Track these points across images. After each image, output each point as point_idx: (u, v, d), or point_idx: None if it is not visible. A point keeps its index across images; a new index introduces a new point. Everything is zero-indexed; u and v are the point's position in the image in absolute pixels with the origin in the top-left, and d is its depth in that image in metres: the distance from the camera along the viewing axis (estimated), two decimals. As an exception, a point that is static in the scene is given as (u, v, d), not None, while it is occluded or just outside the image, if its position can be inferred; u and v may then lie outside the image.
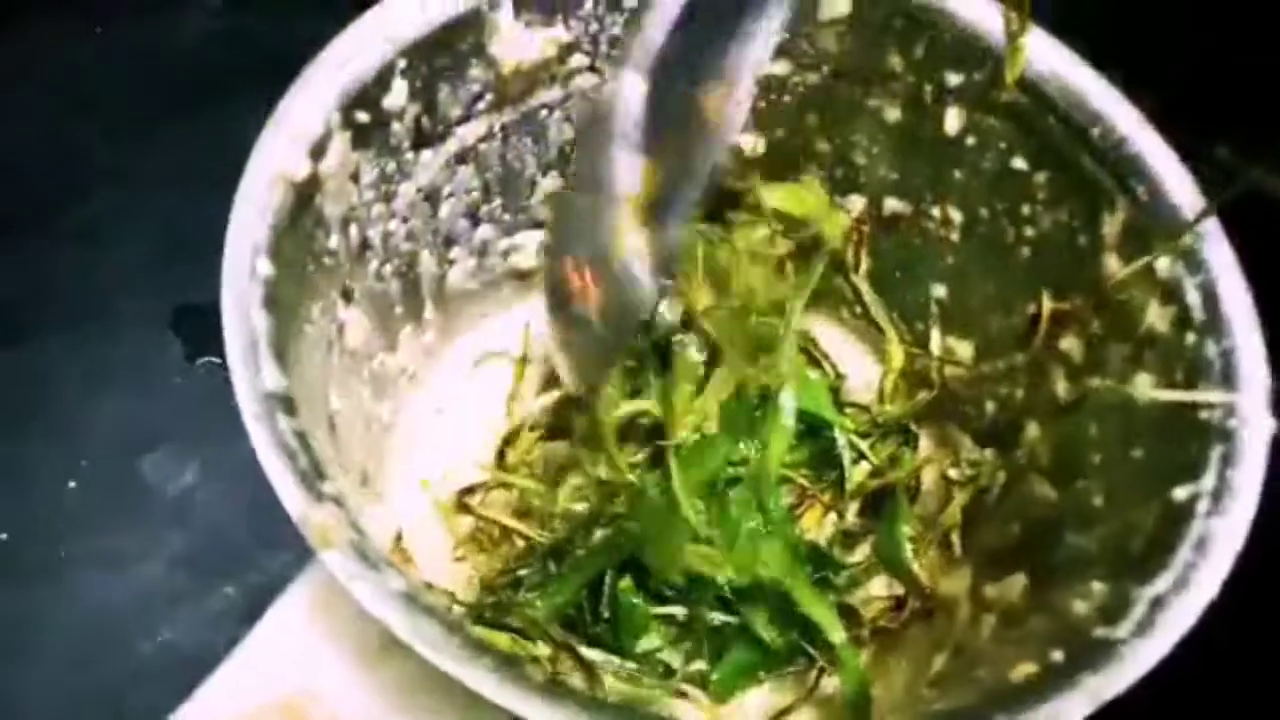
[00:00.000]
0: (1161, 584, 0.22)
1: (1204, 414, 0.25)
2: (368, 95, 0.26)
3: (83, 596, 0.37)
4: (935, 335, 0.34)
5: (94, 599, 0.37)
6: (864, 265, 0.34)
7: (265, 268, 0.23)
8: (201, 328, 0.42)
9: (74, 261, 0.43)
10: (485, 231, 0.34)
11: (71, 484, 0.39)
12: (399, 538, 0.23)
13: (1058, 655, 0.22)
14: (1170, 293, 0.27)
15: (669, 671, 0.31)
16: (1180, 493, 0.24)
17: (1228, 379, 0.25)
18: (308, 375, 0.24)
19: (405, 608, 0.19)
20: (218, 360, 0.42)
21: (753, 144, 0.35)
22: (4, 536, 0.37)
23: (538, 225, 0.35)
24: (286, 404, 0.21)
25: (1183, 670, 0.22)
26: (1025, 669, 0.22)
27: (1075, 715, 0.20)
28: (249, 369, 0.21)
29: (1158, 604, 0.22)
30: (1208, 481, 0.24)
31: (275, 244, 0.23)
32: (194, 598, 0.37)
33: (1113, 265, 0.28)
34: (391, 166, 0.28)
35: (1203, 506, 0.23)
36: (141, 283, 0.43)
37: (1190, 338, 0.26)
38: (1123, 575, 0.24)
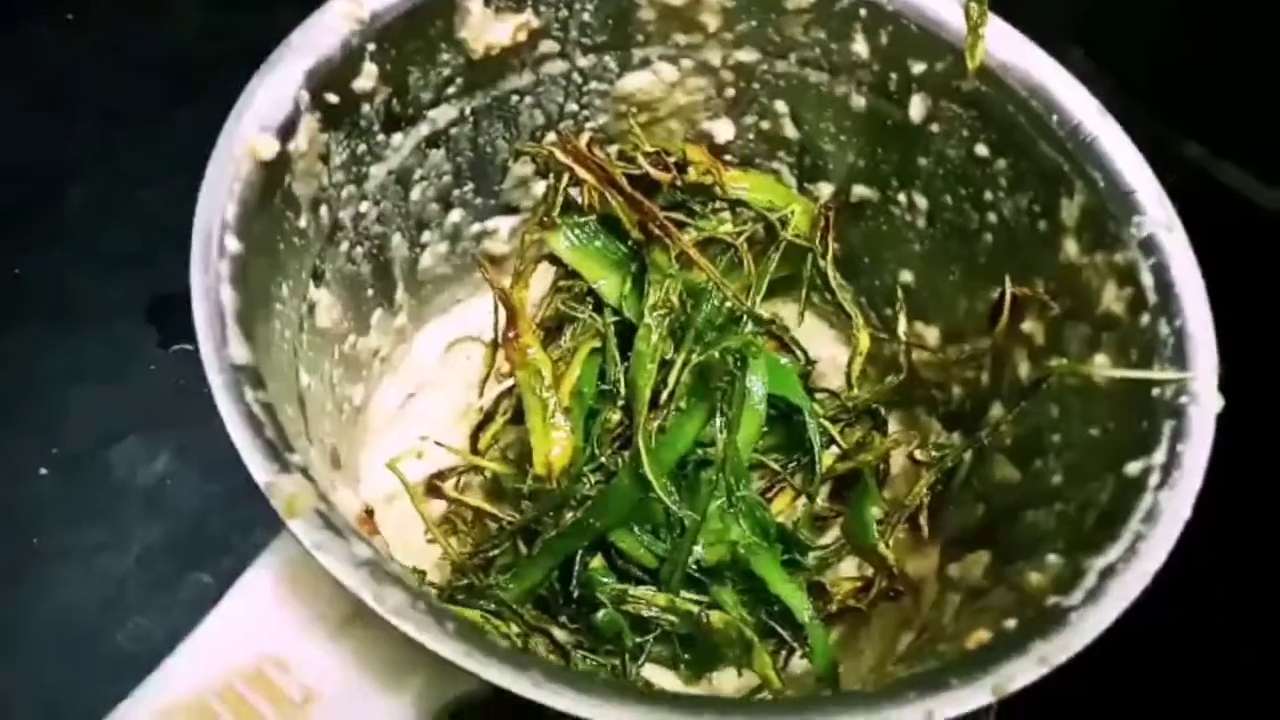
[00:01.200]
0: (1112, 554, 0.23)
1: (1156, 391, 0.25)
2: (337, 77, 0.27)
3: (56, 584, 0.37)
4: (902, 320, 0.35)
5: (67, 586, 0.37)
6: (832, 251, 0.34)
7: (234, 245, 0.23)
8: (176, 315, 0.42)
9: (51, 251, 0.43)
10: (456, 215, 0.34)
11: (43, 471, 0.39)
12: (369, 512, 0.23)
13: (1010, 623, 0.23)
14: (1126, 276, 0.27)
15: (639, 651, 0.31)
16: (1133, 467, 0.25)
17: (1179, 358, 0.26)
18: (277, 353, 0.24)
19: (370, 575, 0.19)
20: (191, 347, 0.42)
21: (722, 132, 0.35)
22: (-25, 523, 0.37)
23: (510, 210, 0.35)
24: (253, 376, 0.21)
25: (1131, 638, 0.22)
26: (979, 637, 0.23)
27: (1024, 680, 0.21)
28: (216, 342, 0.21)
29: (1108, 573, 0.23)
30: (1158, 456, 0.24)
31: (243, 222, 0.23)
32: (168, 584, 0.37)
33: (1072, 249, 0.29)
34: (362, 148, 0.29)
35: (1153, 480, 0.24)
36: (119, 273, 0.43)
37: (1145, 319, 0.27)
38: (1077, 547, 0.24)
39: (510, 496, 0.34)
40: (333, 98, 0.27)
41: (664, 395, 0.31)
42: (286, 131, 0.25)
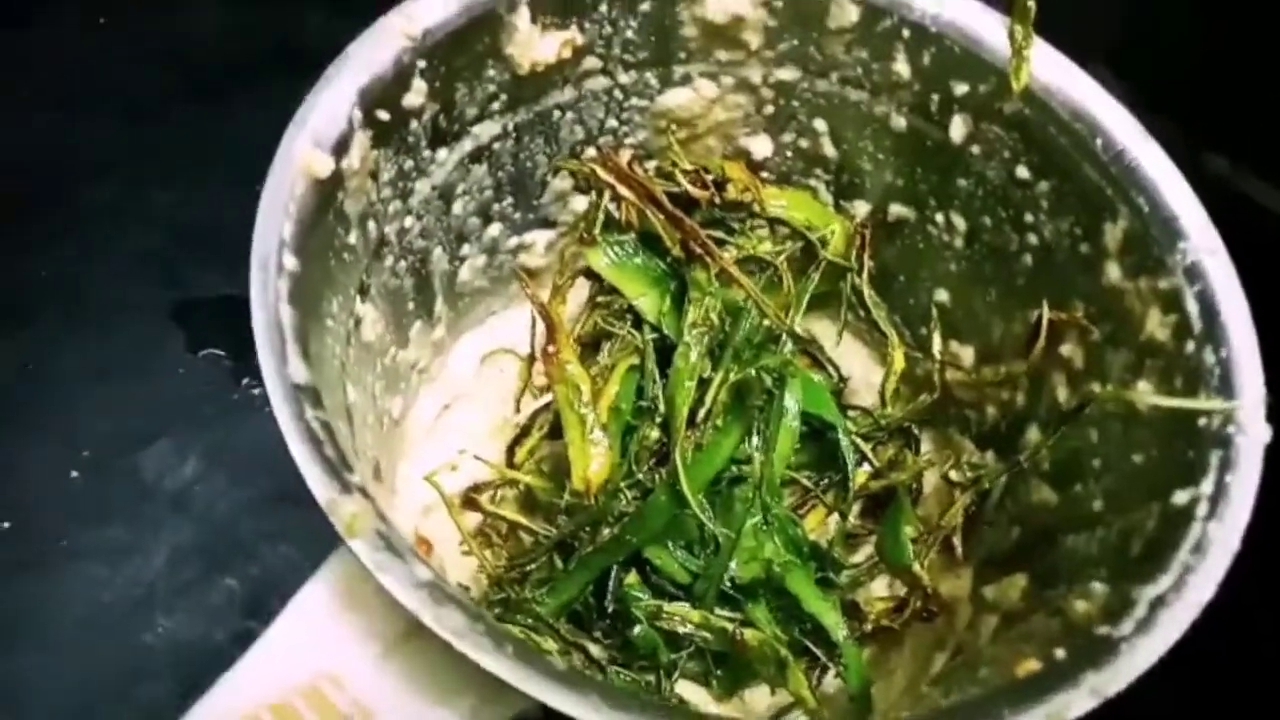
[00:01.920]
0: (1162, 584, 0.23)
1: (1203, 421, 0.25)
2: (388, 94, 0.27)
3: (85, 587, 0.37)
4: (937, 339, 0.35)
5: (96, 590, 0.37)
6: (867, 270, 0.35)
7: (291, 263, 0.23)
8: (204, 321, 0.42)
9: (78, 254, 0.43)
10: (495, 229, 0.34)
11: (74, 474, 0.39)
12: (420, 538, 0.23)
13: (1060, 653, 0.23)
14: (1171, 302, 0.27)
15: (673, 667, 0.31)
16: (1180, 497, 0.25)
17: (1226, 387, 0.26)
18: (328, 369, 0.24)
19: (430, 597, 0.20)
20: (220, 352, 0.42)
21: (760, 148, 0.35)
22: (6, 526, 0.37)
23: (547, 224, 0.35)
24: (312, 395, 0.21)
25: (1179, 668, 0.22)
26: (1029, 666, 0.23)
27: (1077, 711, 0.21)
28: (277, 360, 0.21)
29: (1158, 604, 0.23)
30: (1206, 487, 0.24)
31: (300, 240, 0.24)
32: (195, 589, 0.37)
33: (1114, 274, 0.29)
34: (409, 164, 0.29)
35: (1201, 511, 0.24)
36: (144, 276, 0.43)
37: (1190, 346, 0.27)
38: (1123, 576, 0.24)
39: (544, 510, 0.34)
40: (384, 115, 0.27)
41: (701, 413, 0.31)
42: (340, 149, 0.25)
